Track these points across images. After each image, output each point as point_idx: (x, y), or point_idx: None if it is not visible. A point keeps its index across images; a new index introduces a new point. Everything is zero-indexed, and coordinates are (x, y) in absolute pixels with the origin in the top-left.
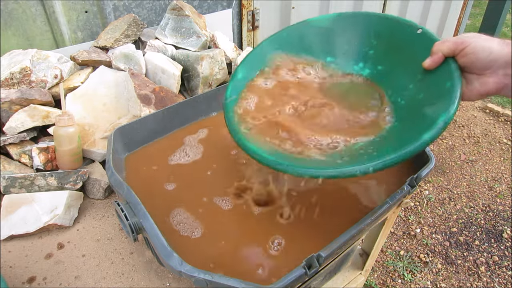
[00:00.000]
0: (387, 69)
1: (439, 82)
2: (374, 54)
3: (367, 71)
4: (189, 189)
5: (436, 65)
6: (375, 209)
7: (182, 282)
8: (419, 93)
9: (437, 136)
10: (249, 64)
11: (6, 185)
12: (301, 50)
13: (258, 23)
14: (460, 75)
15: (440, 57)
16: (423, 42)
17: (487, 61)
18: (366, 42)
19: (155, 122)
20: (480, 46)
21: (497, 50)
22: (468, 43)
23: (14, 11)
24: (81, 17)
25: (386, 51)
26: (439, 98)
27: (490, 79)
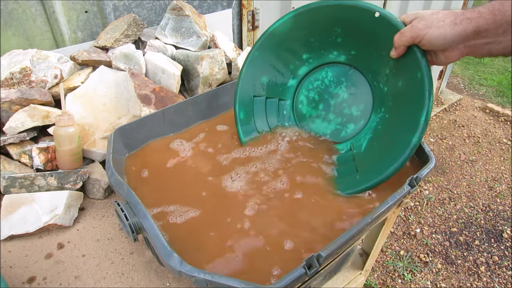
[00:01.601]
0: (361, 53)
1: (411, 71)
2: (343, 41)
3: (343, 57)
4: (189, 189)
5: (401, 55)
6: (375, 209)
7: (182, 282)
8: (397, 80)
9: (422, 135)
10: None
11: (6, 185)
12: (278, 60)
13: (258, 23)
14: (426, 63)
15: (403, 49)
16: (384, 26)
17: (444, 45)
18: (331, 31)
19: (155, 122)
20: (434, 35)
21: (450, 33)
22: (422, 36)
23: (14, 11)
24: (81, 17)
25: (353, 36)
26: (415, 90)
27: (452, 52)
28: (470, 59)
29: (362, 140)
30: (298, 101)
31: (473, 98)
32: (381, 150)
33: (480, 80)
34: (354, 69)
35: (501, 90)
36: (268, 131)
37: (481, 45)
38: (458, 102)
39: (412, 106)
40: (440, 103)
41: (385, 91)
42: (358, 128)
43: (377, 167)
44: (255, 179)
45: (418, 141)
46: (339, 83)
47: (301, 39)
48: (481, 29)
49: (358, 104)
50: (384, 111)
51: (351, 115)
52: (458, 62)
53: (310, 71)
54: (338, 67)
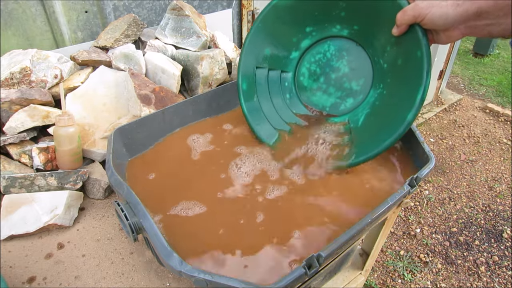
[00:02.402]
0: (363, 28)
1: (411, 49)
2: (346, 15)
3: (345, 32)
4: (190, 189)
5: (403, 33)
6: (375, 209)
7: (182, 282)
8: (397, 57)
9: (418, 112)
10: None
11: (6, 185)
12: (281, 33)
13: None
14: (427, 42)
15: (405, 27)
16: (388, 3)
17: (446, 25)
18: (335, 5)
19: (155, 122)
20: (437, 15)
21: (452, 14)
22: (424, 15)
23: (14, 11)
24: (81, 17)
25: (357, 12)
26: (414, 68)
27: (453, 32)
28: (470, 59)
29: (359, 115)
30: (300, 73)
31: (473, 98)
32: (377, 125)
33: (480, 80)
34: (356, 43)
35: (501, 90)
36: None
37: (481, 26)
38: (458, 102)
39: (410, 84)
40: (440, 103)
41: (385, 68)
42: (357, 102)
43: (372, 142)
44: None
45: (413, 118)
46: (340, 57)
47: (304, 12)
48: (482, 11)
49: (358, 79)
50: (383, 87)
51: (351, 89)
52: (458, 62)
53: (313, 44)
54: (341, 41)
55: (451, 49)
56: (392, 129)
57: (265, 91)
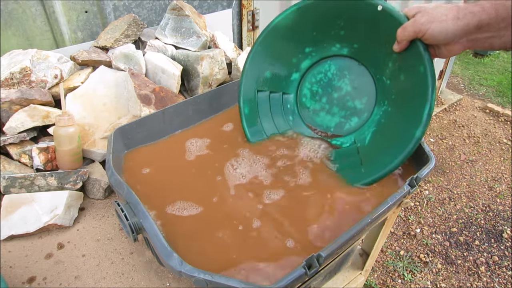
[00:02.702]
0: (364, 46)
1: (413, 64)
2: (346, 34)
3: (345, 50)
4: (189, 189)
5: (404, 49)
6: (375, 209)
7: (182, 282)
8: (399, 73)
9: (425, 129)
10: (246, 92)
11: (6, 185)
12: (280, 54)
13: (258, 23)
14: (429, 57)
15: (406, 43)
16: (387, 19)
17: (446, 39)
18: (334, 24)
19: (155, 122)
20: (437, 30)
21: (453, 28)
22: (425, 30)
23: (14, 11)
24: (81, 17)
25: (356, 30)
26: (418, 84)
27: (455, 46)
28: (470, 59)
29: (366, 133)
30: (302, 94)
31: (473, 98)
32: (385, 143)
33: (480, 80)
34: (357, 62)
35: (501, 90)
36: (276, 133)
37: (482, 39)
38: (458, 102)
39: (415, 100)
40: (440, 103)
41: (388, 84)
42: (362, 121)
43: (382, 160)
44: (259, 178)
45: (422, 134)
46: (342, 76)
47: (304, 33)
48: (483, 24)
49: (361, 97)
50: (387, 104)
51: (354, 108)
52: (458, 62)
53: (313, 64)
54: (341, 60)
55: None
56: (401, 147)
57: (267, 114)
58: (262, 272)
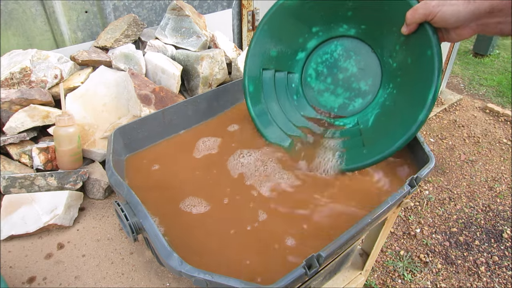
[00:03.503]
0: (371, 28)
1: (421, 48)
2: (354, 15)
3: (353, 31)
4: (189, 189)
5: (413, 31)
6: (375, 209)
7: (182, 282)
8: (406, 56)
9: (429, 113)
10: (251, 71)
11: (6, 185)
12: (287, 33)
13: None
14: (437, 41)
15: (415, 26)
16: (397, 1)
17: (457, 22)
18: (342, 5)
19: (155, 122)
20: (448, 13)
21: (464, 11)
22: (435, 13)
23: (14, 11)
24: (81, 17)
25: (364, 11)
26: (424, 68)
27: (464, 30)
28: (470, 59)
29: (369, 115)
30: (307, 74)
31: (473, 98)
32: (388, 126)
33: (480, 80)
34: (364, 43)
35: (501, 90)
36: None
37: (493, 24)
38: (458, 102)
39: (421, 83)
40: (440, 103)
41: (394, 67)
42: (366, 102)
43: (384, 142)
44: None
45: (425, 118)
46: (348, 57)
47: (311, 12)
48: (494, 9)
49: (367, 79)
50: (393, 87)
51: (359, 90)
52: (458, 62)
53: (319, 44)
54: (348, 40)
55: (451, 49)
56: (404, 129)
57: (272, 93)
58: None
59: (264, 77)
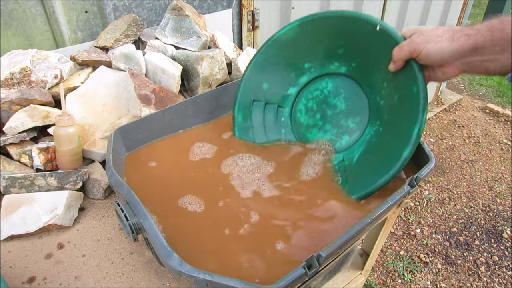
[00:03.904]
0: (361, 65)
1: (407, 84)
2: (345, 52)
3: (343, 69)
4: (189, 189)
5: (400, 68)
6: (375, 209)
7: (182, 282)
8: (394, 94)
9: (414, 149)
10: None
11: (6, 185)
12: (280, 67)
13: (258, 23)
14: (423, 77)
15: (401, 63)
16: (385, 39)
17: (441, 60)
18: (334, 42)
19: (155, 122)
20: (432, 50)
21: (448, 49)
22: (420, 50)
23: (14, 11)
24: (81, 17)
25: (355, 49)
26: (410, 106)
27: (449, 68)
28: None
29: (355, 152)
30: (297, 109)
31: (473, 98)
32: (372, 163)
33: (480, 80)
34: (353, 80)
35: (501, 90)
36: (266, 142)
37: (478, 62)
38: (458, 102)
39: (406, 120)
40: (440, 103)
41: (382, 104)
42: (353, 140)
43: (367, 179)
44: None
45: (409, 154)
46: (337, 94)
47: (304, 48)
48: (478, 46)
49: (355, 116)
50: (379, 124)
51: (347, 127)
52: None
53: (311, 80)
54: (339, 78)
55: None
56: (388, 166)
57: (260, 125)
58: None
59: (254, 108)
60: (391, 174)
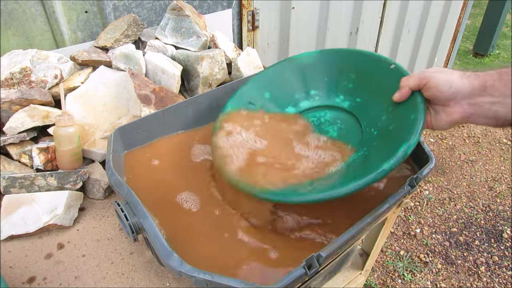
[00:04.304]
0: (365, 101)
1: (406, 113)
2: (353, 88)
3: (347, 103)
4: (189, 189)
5: (404, 99)
6: (375, 209)
7: (182, 282)
8: (390, 124)
9: (396, 165)
10: (238, 98)
11: (6, 185)
12: (287, 85)
13: (258, 23)
14: (424, 108)
15: (407, 91)
16: (395, 77)
17: (449, 94)
18: (346, 76)
19: (155, 122)
20: (442, 80)
21: (458, 83)
22: (429, 78)
23: (14, 11)
24: (81, 17)
25: (364, 84)
26: (404, 130)
27: (455, 109)
28: (470, 59)
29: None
30: None
31: None
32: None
33: None
34: (353, 115)
35: None
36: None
37: (486, 104)
38: None
39: (396, 142)
40: None
41: (374, 135)
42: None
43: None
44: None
45: (389, 169)
46: (333, 123)
47: (316, 76)
48: (487, 85)
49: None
50: (366, 149)
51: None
52: (458, 62)
53: (312, 108)
54: (338, 111)
55: (451, 49)
56: (362, 175)
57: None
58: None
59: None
60: (363, 181)
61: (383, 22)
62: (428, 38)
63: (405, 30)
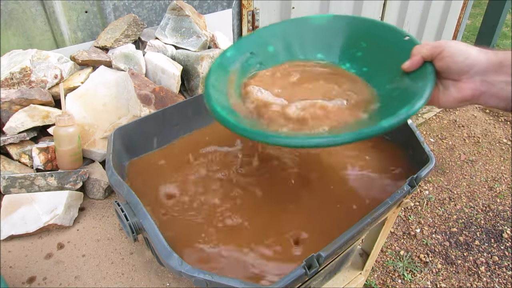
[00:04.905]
0: (372, 71)
1: (413, 82)
2: (362, 56)
3: (353, 71)
4: (189, 190)
5: (414, 67)
6: (375, 209)
7: (182, 282)
8: (394, 91)
9: (395, 124)
10: (242, 46)
11: (6, 185)
12: (294, 44)
13: (258, 23)
14: (434, 78)
15: (419, 59)
16: (408, 48)
17: (463, 65)
18: (356, 44)
19: (155, 122)
20: (458, 49)
21: (475, 56)
22: (444, 47)
23: (14, 11)
24: (81, 17)
25: (373, 54)
26: (410, 95)
27: (466, 84)
28: None
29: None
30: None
31: None
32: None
33: None
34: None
35: None
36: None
37: (501, 83)
38: None
39: (400, 104)
40: None
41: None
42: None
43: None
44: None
45: (388, 125)
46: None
47: (326, 40)
48: (505, 63)
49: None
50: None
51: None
52: None
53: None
54: None
55: None
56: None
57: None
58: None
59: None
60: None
61: None
62: (428, 38)
63: (405, 30)
